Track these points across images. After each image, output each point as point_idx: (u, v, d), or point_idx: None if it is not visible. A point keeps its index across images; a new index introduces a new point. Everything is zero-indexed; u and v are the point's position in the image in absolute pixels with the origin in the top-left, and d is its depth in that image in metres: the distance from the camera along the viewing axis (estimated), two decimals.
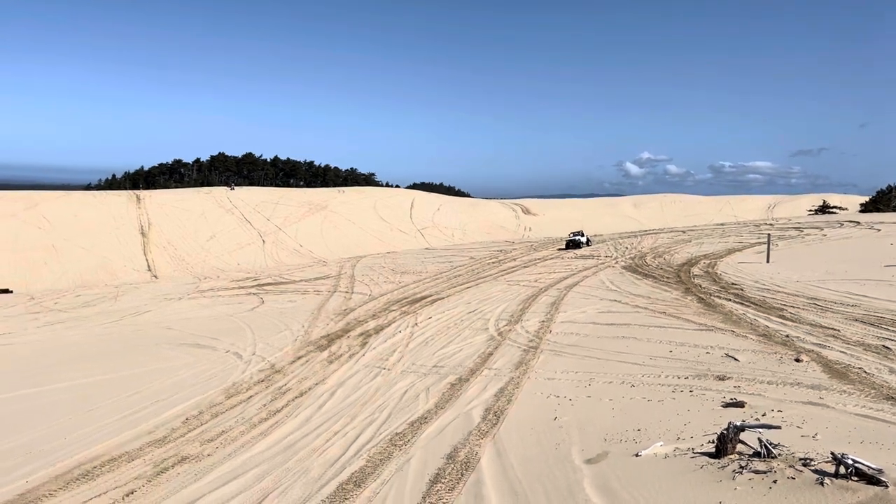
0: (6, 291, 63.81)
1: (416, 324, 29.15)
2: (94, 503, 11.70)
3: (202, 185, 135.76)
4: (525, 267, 50.75)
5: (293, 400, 18.52)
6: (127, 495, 11.96)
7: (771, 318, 24.56)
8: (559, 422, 14.37)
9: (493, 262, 56.25)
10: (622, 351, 20.91)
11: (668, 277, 39.43)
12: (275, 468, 12.83)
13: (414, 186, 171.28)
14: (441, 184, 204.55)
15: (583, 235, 66.21)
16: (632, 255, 53.85)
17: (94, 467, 13.60)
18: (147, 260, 78.47)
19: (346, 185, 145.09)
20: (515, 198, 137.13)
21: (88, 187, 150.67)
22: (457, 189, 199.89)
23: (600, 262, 50.33)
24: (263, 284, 54.56)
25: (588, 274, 42.82)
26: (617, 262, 49.43)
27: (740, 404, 14.19)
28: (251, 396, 19.10)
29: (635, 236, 75.11)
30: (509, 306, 31.72)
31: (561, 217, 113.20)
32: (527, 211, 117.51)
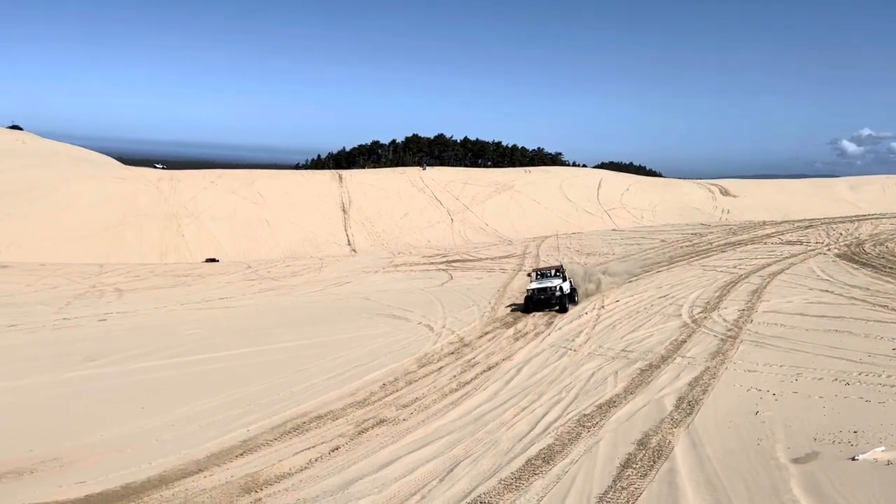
0: (213, 260, 71.04)
1: (603, 306, 28.63)
2: (305, 455, 12.80)
3: (397, 165, 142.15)
4: (722, 251, 47.85)
5: (481, 373, 19.01)
6: (332, 451, 12.97)
7: None
8: (761, 417, 13.47)
9: (687, 246, 53.64)
10: (835, 346, 19.10)
11: (890, 267, 35.30)
12: (465, 437, 13.27)
13: (602, 166, 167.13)
14: (630, 163, 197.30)
15: (559, 275, 30.56)
16: (847, 242, 48.79)
17: (304, 422, 14.89)
18: (347, 235, 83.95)
19: (532, 164, 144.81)
20: (712, 178, 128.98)
21: (297, 167, 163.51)
22: (647, 168, 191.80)
23: (809, 248, 46.17)
24: (452, 261, 56.31)
25: (795, 261, 39.48)
26: (829, 249, 45.06)
27: None
28: (441, 367, 19.86)
29: (851, 221, 67.89)
30: (705, 292, 30.12)
31: (764, 199, 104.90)
32: (725, 192, 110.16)
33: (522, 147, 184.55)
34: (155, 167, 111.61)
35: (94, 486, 11.05)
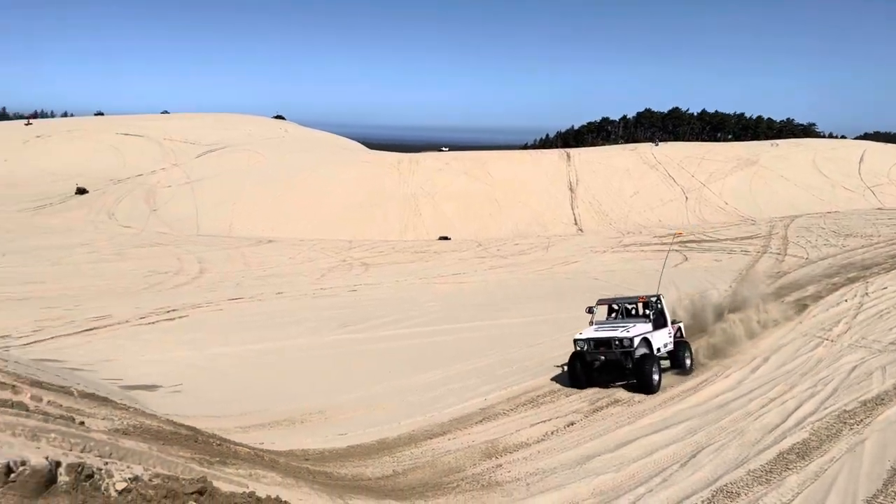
0: (446, 238, 74.21)
1: (867, 293, 25.53)
2: (541, 427, 13.07)
3: (627, 141, 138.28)
4: None
5: (722, 360, 17.99)
6: (568, 426, 13.11)
7: None
8: None
9: None
10: None
11: None
12: (707, 425, 12.67)
13: (865, 137, 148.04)
14: None
15: (648, 315, 17.28)
16: None
17: (538, 396, 15.21)
18: (574, 214, 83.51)
19: (780, 137, 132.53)
20: None
21: (525, 147, 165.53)
22: None
23: None
24: (686, 241, 53.65)
25: None
26: None
27: None
28: None
29: None
30: None
31: None
32: None
33: (769, 118, 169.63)
34: (441, 150, 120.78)
35: (353, 439, 12.25)
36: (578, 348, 16.04)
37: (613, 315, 18.46)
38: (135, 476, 4.40)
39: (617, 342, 15.64)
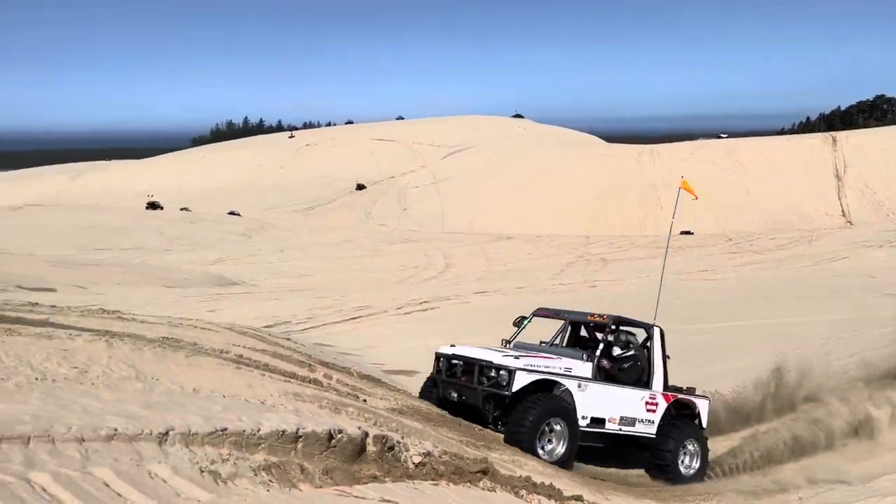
0: (688, 233, 70.11)
1: None
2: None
3: None
4: None
5: None
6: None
7: None
8: None
9: None
10: None
11: None
12: None
13: None
14: None
15: (599, 350, 9.94)
16: None
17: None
18: (841, 204, 75.20)
19: None
20: None
21: (781, 132, 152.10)
22: None
23: None
24: None
25: None
26: None
27: None
28: None
29: None
30: None
31: None
32: None
33: None
34: (720, 136, 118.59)
35: None
36: (437, 368, 9.61)
37: (578, 331, 11.32)
38: (427, 451, 4.81)
39: (486, 372, 8.70)
